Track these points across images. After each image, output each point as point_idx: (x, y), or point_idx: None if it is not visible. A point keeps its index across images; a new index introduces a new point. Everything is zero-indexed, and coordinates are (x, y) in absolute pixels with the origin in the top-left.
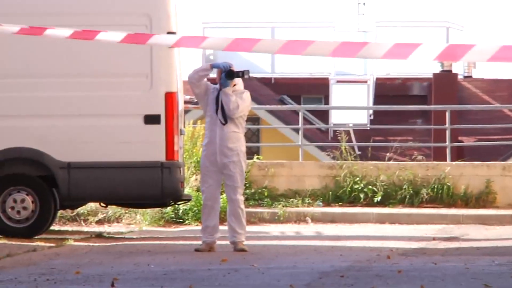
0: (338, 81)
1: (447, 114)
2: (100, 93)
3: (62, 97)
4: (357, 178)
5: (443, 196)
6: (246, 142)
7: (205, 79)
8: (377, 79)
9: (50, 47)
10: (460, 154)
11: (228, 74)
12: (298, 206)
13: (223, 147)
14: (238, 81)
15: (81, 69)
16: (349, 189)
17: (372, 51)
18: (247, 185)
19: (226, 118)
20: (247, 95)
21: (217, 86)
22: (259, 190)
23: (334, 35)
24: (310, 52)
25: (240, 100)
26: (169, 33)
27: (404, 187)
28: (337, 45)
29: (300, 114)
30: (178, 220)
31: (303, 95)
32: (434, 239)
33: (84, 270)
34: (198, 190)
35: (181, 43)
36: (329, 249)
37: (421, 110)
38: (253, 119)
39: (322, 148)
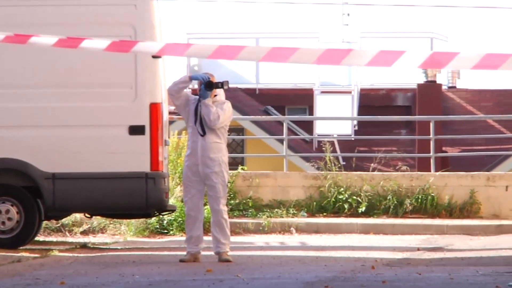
0: (322, 92)
1: (431, 125)
2: (85, 104)
3: (47, 107)
4: (342, 189)
5: (427, 206)
6: (230, 152)
7: (185, 91)
8: (361, 89)
9: (34, 58)
10: (444, 164)
11: (207, 85)
12: (282, 217)
13: (205, 158)
14: (219, 92)
15: (65, 80)
16: (333, 199)
17: (357, 59)
18: (232, 195)
19: (204, 130)
20: (228, 105)
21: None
22: (244, 201)
23: (318, 46)
24: (295, 60)
25: (221, 110)
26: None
27: (388, 198)
28: (321, 52)
29: (285, 124)
30: (163, 231)
31: (288, 106)
32: (418, 249)
33: (69, 281)
34: (182, 200)
35: (165, 51)
36: (314, 260)
37: (406, 121)
38: (237, 129)
39: (306, 159)
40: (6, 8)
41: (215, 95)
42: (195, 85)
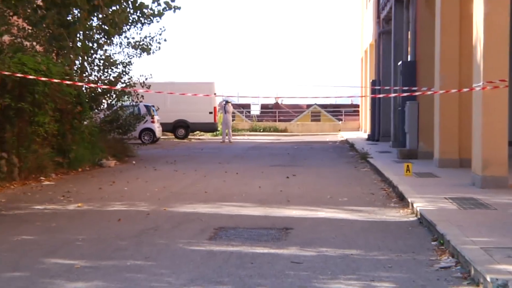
0: (253, 104)
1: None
2: (195, 110)
3: (184, 109)
4: (258, 127)
5: None
6: (233, 119)
7: (223, 104)
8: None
9: (185, 98)
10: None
11: (226, 102)
12: (243, 133)
13: (226, 120)
14: (230, 104)
15: (190, 103)
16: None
17: None
18: (233, 127)
19: (226, 112)
20: (231, 107)
21: (223, 105)
22: (233, 129)
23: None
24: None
25: (230, 108)
26: (215, 93)
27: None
28: None
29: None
30: (216, 135)
31: (246, 107)
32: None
33: (177, 151)
34: (221, 129)
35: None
36: (253, 141)
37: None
38: (233, 114)
39: (248, 119)
40: (158, 85)
41: (229, 105)
42: (223, 102)
